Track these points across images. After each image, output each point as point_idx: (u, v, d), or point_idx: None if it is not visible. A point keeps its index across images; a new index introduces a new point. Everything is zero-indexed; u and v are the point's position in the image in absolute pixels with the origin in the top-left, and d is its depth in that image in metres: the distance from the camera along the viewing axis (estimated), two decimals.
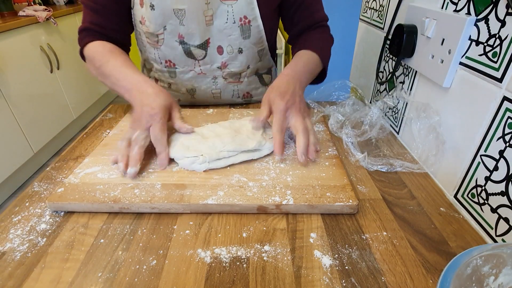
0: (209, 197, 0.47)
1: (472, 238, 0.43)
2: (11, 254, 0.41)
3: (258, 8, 0.70)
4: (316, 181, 0.50)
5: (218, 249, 0.41)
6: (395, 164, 0.57)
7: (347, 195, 0.47)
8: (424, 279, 0.37)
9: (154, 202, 0.46)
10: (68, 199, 0.47)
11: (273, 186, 0.49)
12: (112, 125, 0.72)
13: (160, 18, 0.68)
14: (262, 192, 0.48)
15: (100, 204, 0.46)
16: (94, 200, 0.46)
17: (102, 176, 0.52)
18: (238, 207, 0.46)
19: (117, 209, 0.47)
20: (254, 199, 0.46)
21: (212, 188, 0.49)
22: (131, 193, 0.48)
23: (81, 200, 0.46)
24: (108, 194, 0.48)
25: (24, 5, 2.22)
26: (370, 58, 0.81)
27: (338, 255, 0.40)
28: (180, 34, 0.70)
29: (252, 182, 0.50)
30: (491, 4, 0.42)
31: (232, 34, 0.72)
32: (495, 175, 0.42)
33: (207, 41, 0.72)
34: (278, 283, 0.37)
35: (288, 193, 0.48)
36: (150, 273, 0.38)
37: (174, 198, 0.47)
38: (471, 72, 0.46)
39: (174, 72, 0.78)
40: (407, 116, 0.63)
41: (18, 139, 1.85)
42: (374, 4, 0.79)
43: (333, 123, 0.68)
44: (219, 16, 0.69)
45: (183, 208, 0.46)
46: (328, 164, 0.55)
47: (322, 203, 0.46)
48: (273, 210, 0.46)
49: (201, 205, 0.46)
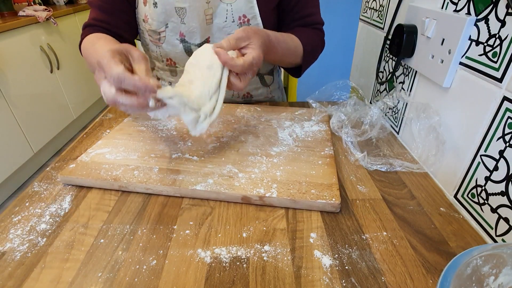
0: (199, 184, 0.50)
1: (472, 238, 0.43)
2: (11, 254, 0.41)
3: (257, 7, 0.70)
4: (304, 178, 0.51)
5: (218, 249, 0.41)
6: (394, 164, 0.57)
7: (331, 194, 0.48)
8: (424, 279, 0.37)
9: (149, 184, 0.50)
10: (77, 174, 0.52)
11: (261, 179, 0.51)
12: (112, 125, 0.72)
13: (162, 16, 0.69)
14: (249, 184, 0.50)
15: (102, 181, 0.51)
16: (98, 177, 0.51)
17: (109, 157, 0.57)
18: (224, 195, 0.49)
19: (117, 187, 0.51)
20: (240, 189, 0.49)
21: (203, 175, 0.52)
22: (130, 174, 0.52)
23: (87, 176, 0.51)
24: (111, 173, 0.52)
25: (24, 5, 2.23)
26: (370, 58, 0.81)
27: (338, 255, 0.40)
28: (181, 32, 0.71)
29: (242, 173, 0.52)
30: (491, 4, 0.42)
31: (232, 32, 0.71)
32: (495, 175, 0.42)
33: (207, 40, 0.73)
34: (278, 283, 0.37)
35: (274, 187, 0.49)
36: (150, 273, 0.38)
37: (167, 181, 0.50)
38: (471, 72, 0.46)
39: (175, 70, 0.79)
40: (407, 116, 0.63)
41: (18, 139, 1.85)
42: (374, 4, 0.79)
43: (334, 122, 0.68)
44: (219, 15, 0.70)
45: (173, 191, 0.50)
46: (321, 163, 0.55)
47: (305, 199, 0.47)
48: (257, 201, 0.48)
49: (190, 190, 0.49)
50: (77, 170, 0.53)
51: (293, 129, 0.66)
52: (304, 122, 0.70)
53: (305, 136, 0.64)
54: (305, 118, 0.71)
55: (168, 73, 0.81)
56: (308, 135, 0.64)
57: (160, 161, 0.56)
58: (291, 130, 0.66)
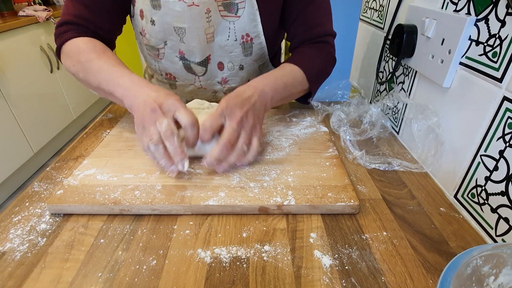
0: (210, 198, 0.47)
1: (472, 238, 0.43)
2: (11, 254, 0.41)
3: (261, 26, 0.67)
4: (317, 181, 0.50)
5: (218, 249, 0.41)
6: (393, 163, 0.57)
7: (348, 195, 0.47)
8: (424, 279, 0.37)
9: (155, 204, 0.46)
10: (68, 201, 0.46)
11: (274, 186, 0.49)
12: (112, 125, 0.72)
13: (160, 34, 0.66)
14: (263, 193, 0.48)
15: (100, 206, 0.46)
16: (94, 202, 0.46)
17: (101, 178, 0.51)
18: (240, 208, 0.46)
19: (118, 211, 0.46)
20: (256, 200, 0.46)
21: (213, 189, 0.49)
22: (131, 195, 0.47)
23: (80, 202, 0.46)
24: (108, 196, 0.47)
25: (24, 5, 2.22)
26: (370, 58, 0.81)
27: (338, 255, 0.40)
28: (180, 50, 0.69)
29: (253, 182, 0.50)
30: (491, 4, 0.42)
31: (233, 51, 0.70)
32: (495, 175, 0.42)
33: (208, 57, 0.70)
34: (278, 283, 0.37)
35: (290, 194, 0.47)
36: (150, 273, 0.38)
37: (175, 199, 0.47)
38: (471, 72, 0.46)
39: (175, 84, 0.77)
40: (406, 116, 0.63)
41: (18, 139, 1.85)
42: (374, 4, 0.79)
43: (334, 121, 0.68)
44: (220, 33, 0.67)
45: (184, 209, 0.46)
46: (329, 164, 0.55)
47: (324, 203, 0.46)
48: (275, 211, 0.46)
49: (202, 206, 0.46)
50: (67, 196, 0.47)
51: (293, 131, 0.66)
52: (303, 123, 0.69)
53: (306, 137, 0.64)
54: (305, 119, 0.71)
55: (167, 86, 0.79)
56: (308, 136, 0.64)
57: (161, 177, 0.51)
58: (291, 133, 0.65)
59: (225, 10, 0.65)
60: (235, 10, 0.65)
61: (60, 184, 0.52)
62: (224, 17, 0.65)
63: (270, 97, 0.59)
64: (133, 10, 0.68)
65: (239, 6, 0.65)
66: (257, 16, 0.66)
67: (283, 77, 0.63)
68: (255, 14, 0.66)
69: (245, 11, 0.65)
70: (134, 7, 0.67)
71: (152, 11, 0.64)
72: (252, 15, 0.66)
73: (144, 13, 0.65)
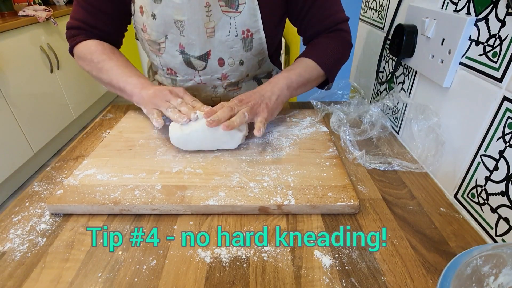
0: (210, 198, 0.47)
1: (472, 238, 0.43)
2: (11, 254, 0.41)
3: (261, 21, 0.68)
4: (317, 181, 0.50)
5: (218, 249, 0.41)
6: (393, 163, 0.57)
7: (348, 195, 0.47)
8: (424, 279, 0.37)
9: (155, 204, 0.46)
10: (68, 201, 0.46)
11: (274, 186, 0.49)
12: (112, 125, 0.72)
13: (161, 27, 0.68)
14: (263, 193, 0.48)
15: (100, 206, 0.46)
16: (94, 202, 0.46)
17: (101, 178, 0.51)
18: (240, 208, 0.46)
19: (117, 211, 0.46)
20: (256, 200, 0.46)
21: (213, 189, 0.49)
22: (131, 195, 0.47)
23: (80, 202, 0.46)
24: (108, 195, 0.47)
25: (24, 5, 2.22)
26: (370, 58, 0.81)
27: (338, 255, 0.40)
28: (180, 43, 0.70)
29: (253, 182, 0.50)
30: (491, 4, 0.42)
31: (234, 46, 0.71)
32: (495, 175, 0.42)
33: (208, 52, 0.71)
34: (278, 283, 0.37)
35: (290, 194, 0.48)
36: (150, 273, 0.38)
37: (175, 199, 0.47)
38: (471, 72, 0.46)
39: (175, 79, 0.78)
40: (406, 116, 0.63)
41: (18, 139, 1.85)
42: (374, 4, 0.79)
43: (334, 121, 0.68)
44: (221, 28, 0.68)
45: (184, 209, 0.46)
46: (329, 164, 0.55)
47: (324, 203, 0.46)
48: (275, 211, 0.46)
49: (202, 206, 0.46)
50: (67, 196, 0.47)
51: (293, 131, 0.66)
52: (303, 123, 0.69)
53: (306, 137, 0.64)
54: (305, 119, 0.71)
55: (169, 81, 0.80)
56: (308, 136, 0.64)
57: (161, 177, 0.51)
58: (291, 133, 0.65)
59: (226, 5, 0.66)
60: (236, 5, 0.66)
61: (60, 184, 0.52)
62: (225, 12, 0.66)
63: (285, 84, 0.66)
64: (134, 8, 0.70)
65: (240, 1, 0.66)
66: (257, 12, 0.67)
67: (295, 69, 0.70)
68: (256, 9, 0.67)
69: (246, 6, 0.66)
70: (134, 4, 0.69)
71: (153, 5, 0.66)
72: (253, 10, 0.67)
73: (145, 9, 0.67)
